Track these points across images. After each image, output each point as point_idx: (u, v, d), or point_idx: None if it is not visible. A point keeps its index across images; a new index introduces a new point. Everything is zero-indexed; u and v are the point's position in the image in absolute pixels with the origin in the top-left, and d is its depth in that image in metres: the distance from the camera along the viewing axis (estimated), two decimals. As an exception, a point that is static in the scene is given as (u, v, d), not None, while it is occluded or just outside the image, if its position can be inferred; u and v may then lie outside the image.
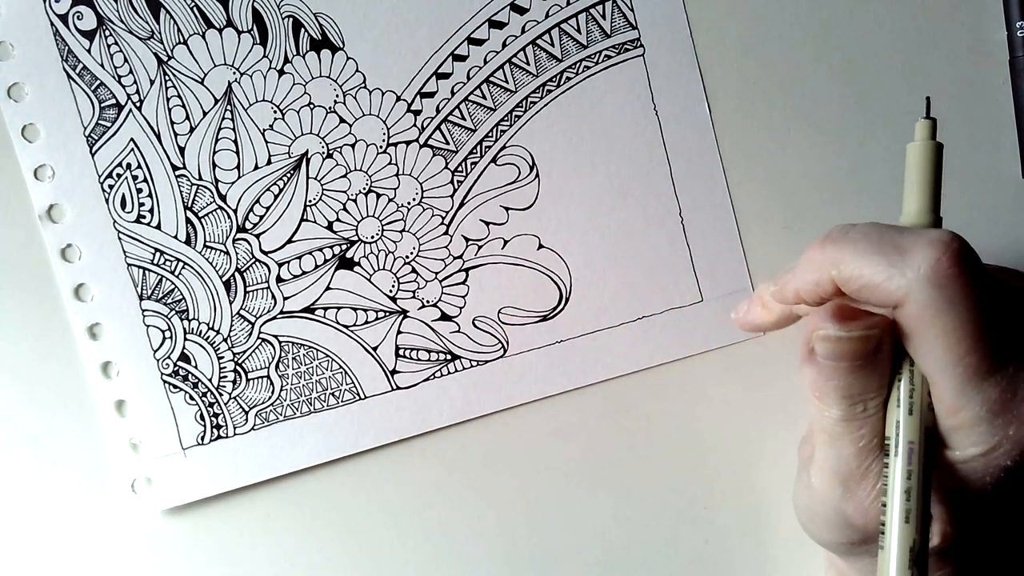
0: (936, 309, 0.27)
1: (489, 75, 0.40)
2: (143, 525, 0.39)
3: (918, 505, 0.28)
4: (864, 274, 0.28)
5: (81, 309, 0.39)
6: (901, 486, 0.29)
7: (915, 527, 0.28)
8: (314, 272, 0.39)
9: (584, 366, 0.40)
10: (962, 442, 0.29)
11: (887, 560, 0.28)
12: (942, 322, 0.27)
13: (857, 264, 0.29)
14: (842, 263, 0.29)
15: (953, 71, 0.41)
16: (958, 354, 0.28)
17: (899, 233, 0.29)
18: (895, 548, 0.28)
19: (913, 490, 0.28)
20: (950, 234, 0.28)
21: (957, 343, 0.27)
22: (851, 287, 0.29)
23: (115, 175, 0.39)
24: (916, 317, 0.28)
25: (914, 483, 0.29)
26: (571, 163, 0.40)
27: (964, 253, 0.28)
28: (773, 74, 0.40)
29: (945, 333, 0.27)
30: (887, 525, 0.29)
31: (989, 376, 0.28)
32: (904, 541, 0.28)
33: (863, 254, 0.28)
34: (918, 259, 0.27)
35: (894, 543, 0.28)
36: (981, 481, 0.29)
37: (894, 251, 0.28)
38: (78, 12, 0.39)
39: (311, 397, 0.39)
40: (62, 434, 0.39)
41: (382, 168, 0.40)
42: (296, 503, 0.40)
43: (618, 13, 0.40)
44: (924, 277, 0.27)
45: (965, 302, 0.27)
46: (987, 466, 0.29)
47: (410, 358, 0.40)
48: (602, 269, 0.40)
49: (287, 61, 0.39)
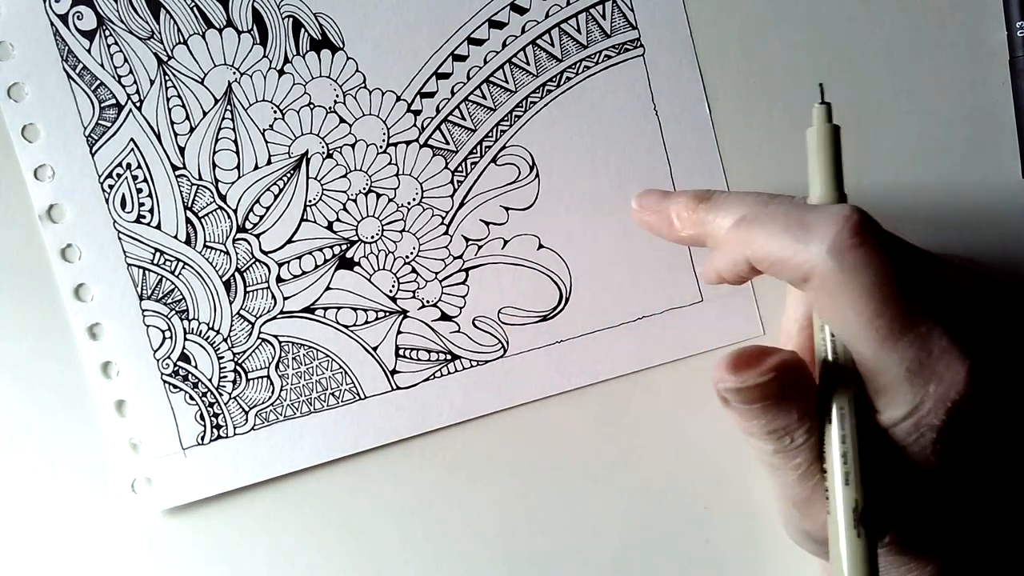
0: (840, 278, 0.29)
1: (489, 75, 0.40)
2: (143, 525, 0.39)
3: (856, 467, 0.29)
4: (772, 252, 0.30)
5: (81, 309, 0.39)
6: (838, 450, 0.30)
7: (855, 487, 0.29)
8: (314, 272, 0.39)
9: (584, 366, 0.40)
10: (888, 404, 0.30)
11: (835, 523, 0.30)
12: (848, 290, 0.29)
13: (766, 243, 0.30)
14: (753, 243, 0.31)
15: (953, 71, 0.41)
16: (867, 318, 0.29)
17: (805, 211, 0.30)
18: (840, 510, 0.29)
19: (849, 453, 0.30)
20: (850, 207, 0.29)
21: (864, 307, 0.29)
22: (763, 266, 0.31)
23: (115, 175, 0.39)
24: (823, 288, 0.29)
25: (849, 446, 0.30)
26: (571, 163, 0.40)
27: (863, 224, 0.29)
28: (773, 74, 0.40)
29: (852, 300, 0.29)
30: (830, 491, 0.30)
31: (902, 336, 0.29)
32: (847, 502, 0.29)
33: (772, 233, 0.30)
34: (820, 233, 0.29)
35: (839, 506, 0.29)
36: (919, 446, 0.30)
37: (799, 228, 0.29)
38: (78, 12, 0.39)
39: (311, 397, 0.39)
40: (62, 434, 0.39)
41: (382, 168, 0.40)
42: (296, 503, 0.40)
43: (618, 13, 0.40)
44: (826, 250, 0.29)
45: (867, 269, 0.28)
46: (918, 426, 0.30)
47: (410, 358, 0.40)
48: (602, 269, 0.40)
49: (287, 61, 0.39)
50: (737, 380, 0.30)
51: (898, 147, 0.41)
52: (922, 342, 0.29)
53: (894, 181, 0.41)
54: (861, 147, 0.41)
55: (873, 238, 0.29)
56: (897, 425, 0.30)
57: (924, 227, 0.41)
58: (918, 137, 0.41)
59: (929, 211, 0.41)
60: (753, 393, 0.30)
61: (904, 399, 0.30)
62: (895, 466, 0.30)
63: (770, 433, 0.31)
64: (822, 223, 0.29)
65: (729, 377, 0.31)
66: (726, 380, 0.31)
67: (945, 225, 0.41)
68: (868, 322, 0.29)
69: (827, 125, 0.32)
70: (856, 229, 0.29)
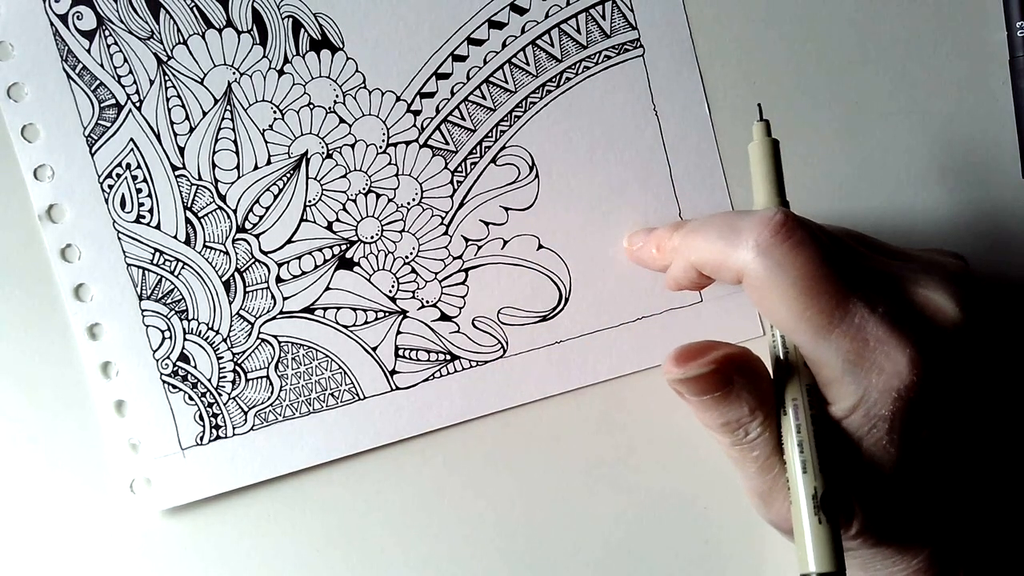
0: (767, 275, 0.30)
1: (489, 75, 0.40)
2: (142, 525, 0.39)
3: (812, 454, 0.30)
4: (710, 257, 0.32)
5: (81, 309, 0.39)
6: (794, 439, 0.31)
7: (813, 474, 0.30)
8: (314, 272, 0.39)
9: (584, 367, 0.40)
10: (837, 396, 0.31)
11: (797, 510, 0.30)
12: (775, 285, 0.30)
13: (705, 248, 0.32)
14: (693, 249, 0.33)
15: (953, 71, 0.41)
16: (797, 312, 0.30)
17: (738, 217, 0.32)
18: (801, 498, 0.30)
19: (805, 442, 0.30)
20: (775, 210, 0.31)
21: (794, 302, 0.30)
22: (706, 270, 0.33)
23: (115, 175, 0.39)
24: (755, 287, 0.31)
25: (805, 435, 0.31)
26: (571, 163, 0.40)
27: (787, 223, 0.30)
28: (773, 74, 0.40)
29: (781, 295, 0.30)
30: (791, 480, 0.31)
31: (834, 328, 0.30)
32: (807, 489, 0.30)
33: (708, 239, 0.32)
34: (747, 235, 0.30)
35: (801, 494, 0.30)
36: (873, 437, 0.30)
37: (732, 233, 0.31)
38: (78, 12, 0.39)
39: (310, 397, 0.39)
40: (62, 434, 0.39)
41: (382, 168, 0.40)
42: (295, 503, 0.40)
43: (618, 13, 0.40)
44: (752, 249, 0.30)
45: (792, 264, 0.30)
46: (868, 418, 0.30)
47: (410, 358, 0.40)
48: (601, 269, 0.40)
49: (287, 61, 0.39)
50: (679, 371, 0.32)
51: (898, 147, 0.41)
52: (855, 332, 0.30)
53: (894, 181, 0.41)
54: (861, 147, 0.41)
55: (797, 235, 0.30)
56: (848, 417, 0.31)
57: (924, 227, 0.41)
58: (918, 137, 0.41)
59: (929, 211, 0.41)
60: (698, 385, 0.32)
61: (848, 390, 0.30)
62: (854, 457, 0.31)
63: (724, 425, 0.32)
64: (750, 226, 0.31)
65: (673, 368, 0.32)
66: (671, 371, 0.32)
67: (945, 225, 0.41)
68: (799, 316, 0.30)
69: (768, 139, 0.34)
70: (779, 228, 0.30)
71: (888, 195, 0.41)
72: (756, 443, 0.32)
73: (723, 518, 0.41)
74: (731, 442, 0.32)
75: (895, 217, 0.33)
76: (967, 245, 0.41)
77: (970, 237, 0.41)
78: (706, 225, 0.33)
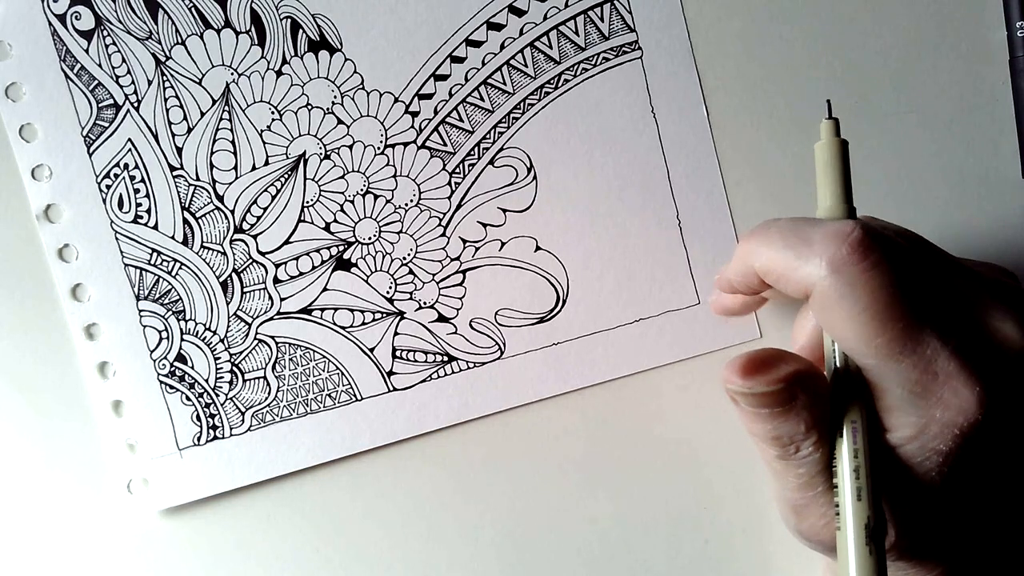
0: (839, 295, 0.28)
1: (487, 77, 0.40)
2: (139, 526, 0.39)
3: (867, 482, 0.29)
4: (776, 266, 0.30)
5: (78, 309, 0.39)
6: (849, 465, 0.29)
7: (867, 503, 0.29)
8: (311, 273, 0.39)
9: (581, 368, 0.40)
10: (894, 424, 0.30)
11: (844, 539, 0.29)
12: (846, 307, 0.28)
13: (770, 257, 0.30)
14: (758, 256, 0.31)
15: (953, 71, 0.41)
16: (867, 336, 0.28)
17: (809, 226, 0.30)
18: (851, 526, 0.29)
19: (861, 468, 0.29)
20: (853, 223, 0.29)
21: (864, 326, 0.28)
22: (769, 279, 0.31)
23: (112, 175, 0.39)
24: (823, 305, 0.29)
25: (861, 461, 0.29)
26: (569, 165, 0.40)
27: (864, 240, 0.28)
28: (772, 76, 0.40)
29: (851, 317, 0.28)
30: (840, 505, 0.30)
31: (903, 358, 0.28)
32: (859, 518, 0.29)
33: (775, 247, 0.30)
34: (819, 249, 0.29)
35: (849, 521, 0.29)
36: (924, 467, 0.29)
37: (801, 243, 0.29)
38: (76, 12, 0.38)
39: (308, 398, 0.39)
40: (59, 434, 0.39)
41: (380, 169, 0.40)
42: (293, 504, 0.40)
43: (616, 15, 0.40)
44: (824, 266, 0.28)
45: (866, 287, 0.28)
46: (923, 450, 0.29)
47: (407, 359, 0.40)
48: (599, 271, 0.40)
49: (285, 62, 0.39)
50: (745, 385, 0.30)
51: (898, 147, 0.41)
52: (926, 365, 0.28)
53: (894, 181, 0.41)
54: (861, 147, 0.40)
55: (874, 255, 0.28)
56: (903, 446, 0.29)
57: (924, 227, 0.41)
58: (918, 137, 0.41)
59: (929, 211, 0.41)
60: (760, 399, 0.30)
61: (908, 420, 0.29)
62: (901, 481, 0.30)
63: (775, 439, 0.31)
64: (822, 238, 0.29)
65: (738, 380, 0.30)
66: (734, 382, 0.30)
67: (945, 225, 0.41)
68: (868, 340, 0.28)
69: (835, 139, 0.32)
70: (856, 246, 0.28)
71: (888, 195, 0.41)
72: (804, 460, 0.31)
73: (722, 519, 0.41)
74: (778, 455, 0.31)
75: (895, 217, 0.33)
76: (967, 245, 0.41)
77: (970, 237, 0.41)
78: (772, 231, 0.31)
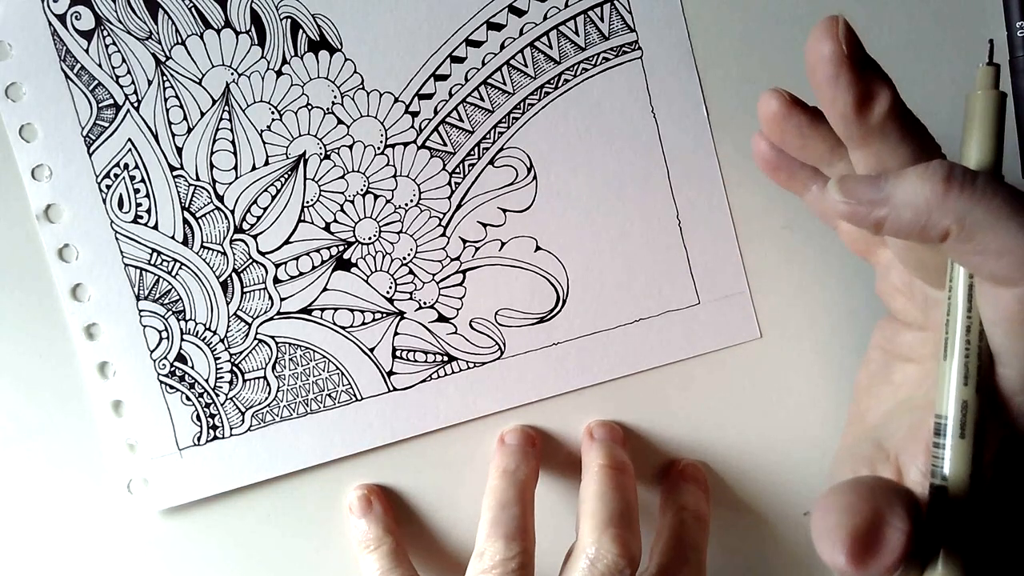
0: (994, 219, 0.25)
1: (487, 77, 0.40)
2: (139, 525, 0.39)
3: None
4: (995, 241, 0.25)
5: (78, 309, 0.39)
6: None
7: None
8: (311, 273, 0.39)
9: (581, 368, 0.40)
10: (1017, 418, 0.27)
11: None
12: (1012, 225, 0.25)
13: (989, 226, 0.25)
14: (970, 218, 0.25)
15: (953, 71, 0.41)
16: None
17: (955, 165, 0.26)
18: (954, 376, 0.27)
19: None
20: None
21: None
22: (967, 248, 0.25)
23: (112, 175, 0.39)
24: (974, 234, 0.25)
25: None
26: (569, 165, 0.40)
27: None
28: (772, 76, 0.40)
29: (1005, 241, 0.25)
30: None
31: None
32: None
33: (998, 216, 0.25)
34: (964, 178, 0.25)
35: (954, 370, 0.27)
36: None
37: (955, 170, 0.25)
38: (76, 12, 0.38)
39: (308, 398, 0.39)
40: (60, 434, 0.39)
41: (380, 169, 0.40)
42: (293, 504, 0.40)
43: (616, 15, 0.40)
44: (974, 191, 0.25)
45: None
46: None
47: (407, 359, 0.40)
48: (599, 271, 0.40)
49: (285, 62, 0.39)
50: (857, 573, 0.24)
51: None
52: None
53: None
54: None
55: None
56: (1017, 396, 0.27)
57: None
58: None
59: None
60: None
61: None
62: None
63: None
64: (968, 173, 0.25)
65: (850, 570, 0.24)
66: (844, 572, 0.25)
67: None
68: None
69: (994, 92, 0.28)
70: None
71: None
72: None
73: (723, 519, 0.40)
74: None
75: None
76: None
77: None
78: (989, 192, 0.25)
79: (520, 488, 0.37)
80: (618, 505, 0.35)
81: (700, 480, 0.40)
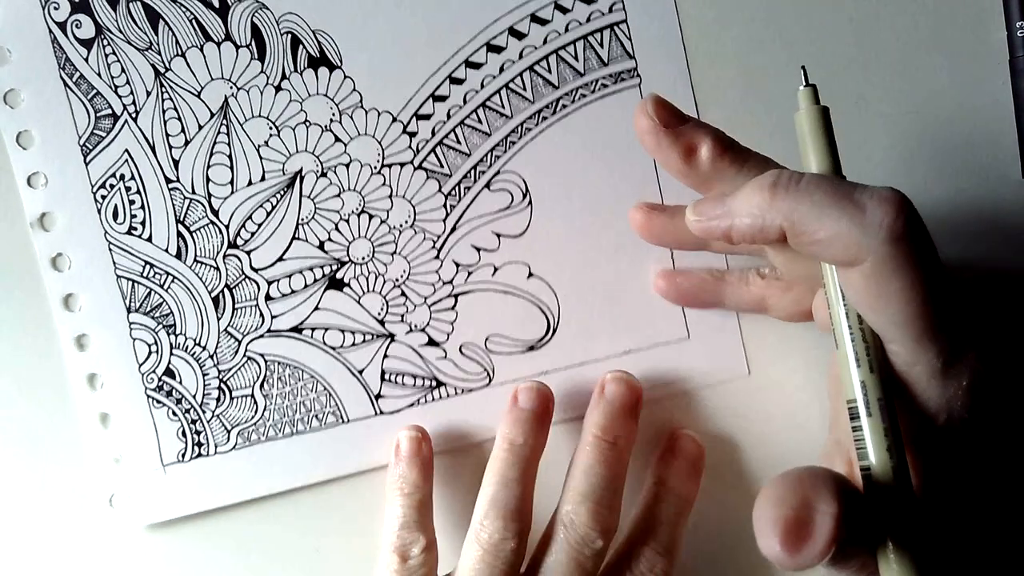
0: (895, 266, 0.28)
1: (486, 99, 0.40)
2: (121, 540, 0.39)
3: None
4: (822, 230, 0.28)
5: (69, 319, 0.39)
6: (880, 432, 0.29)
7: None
8: (303, 291, 0.39)
9: (569, 399, 0.40)
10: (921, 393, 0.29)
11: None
12: (900, 279, 0.28)
13: (815, 217, 0.28)
14: (796, 214, 0.29)
15: (953, 71, 0.41)
16: (914, 309, 0.28)
17: (852, 188, 0.29)
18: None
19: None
20: (900, 192, 0.28)
21: (913, 298, 0.28)
22: (803, 240, 0.29)
23: (108, 185, 0.39)
24: (874, 275, 0.28)
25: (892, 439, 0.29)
26: (564, 192, 0.40)
27: (914, 212, 0.28)
28: (770, 107, 0.40)
29: (903, 289, 0.28)
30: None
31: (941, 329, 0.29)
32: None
33: (821, 207, 0.28)
34: (877, 216, 0.28)
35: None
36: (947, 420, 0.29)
37: (852, 206, 0.28)
38: (77, 20, 0.38)
39: (294, 418, 0.39)
40: (46, 443, 0.39)
41: (376, 189, 0.39)
42: (276, 523, 0.39)
43: (616, 42, 0.40)
44: (884, 235, 0.27)
45: (920, 259, 0.28)
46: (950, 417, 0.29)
47: (395, 383, 0.40)
48: (591, 301, 0.40)
49: (284, 77, 0.39)
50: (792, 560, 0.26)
51: (898, 147, 0.41)
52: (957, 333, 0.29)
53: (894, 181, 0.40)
54: (861, 147, 0.40)
55: (922, 227, 0.28)
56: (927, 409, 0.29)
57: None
58: (918, 137, 0.40)
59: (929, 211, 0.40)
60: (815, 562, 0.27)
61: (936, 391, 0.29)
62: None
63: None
64: (876, 204, 0.28)
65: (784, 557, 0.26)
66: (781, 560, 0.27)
67: (945, 225, 0.40)
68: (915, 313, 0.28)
69: (818, 107, 0.31)
70: (911, 216, 0.28)
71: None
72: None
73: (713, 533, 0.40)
74: None
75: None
76: (967, 245, 0.41)
77: (970, 237, 0.41)
78: (810, 188, 0.29)
79: (524, 464, 0.37)
80: (601, 480, 0.37)
81: (691, 454, 0.39)
